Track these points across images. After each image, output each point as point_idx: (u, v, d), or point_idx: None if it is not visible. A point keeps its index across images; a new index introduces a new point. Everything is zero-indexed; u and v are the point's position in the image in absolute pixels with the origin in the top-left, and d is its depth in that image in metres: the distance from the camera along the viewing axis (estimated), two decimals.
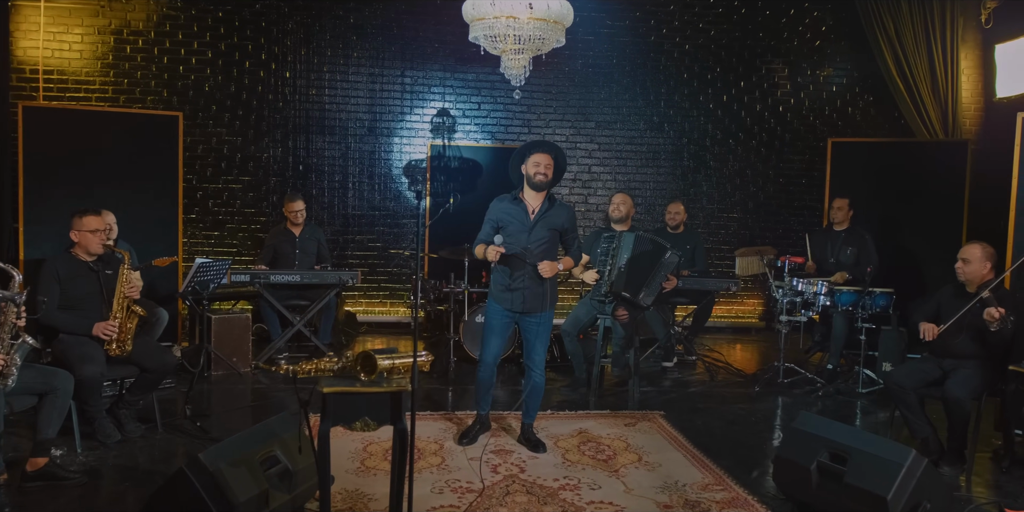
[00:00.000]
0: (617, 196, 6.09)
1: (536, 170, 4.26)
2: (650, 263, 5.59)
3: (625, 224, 6.05)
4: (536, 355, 4.50)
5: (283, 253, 7.03)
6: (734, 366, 7.14)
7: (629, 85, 8.80)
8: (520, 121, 8.70)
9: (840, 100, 9.03)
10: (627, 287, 5.56)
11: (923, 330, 4.71)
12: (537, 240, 4.31)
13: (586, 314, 5.87)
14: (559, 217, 4.38)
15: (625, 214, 6.00)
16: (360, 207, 8.59)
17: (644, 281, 5.54)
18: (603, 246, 5.78)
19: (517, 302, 4.36)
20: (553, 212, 4.37)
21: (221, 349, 6.35)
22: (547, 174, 4.29)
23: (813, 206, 9.05)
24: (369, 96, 8.51)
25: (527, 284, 4.33)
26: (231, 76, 8.25)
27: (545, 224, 4.32)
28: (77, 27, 7.91)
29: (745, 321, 9.01)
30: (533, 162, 4.28)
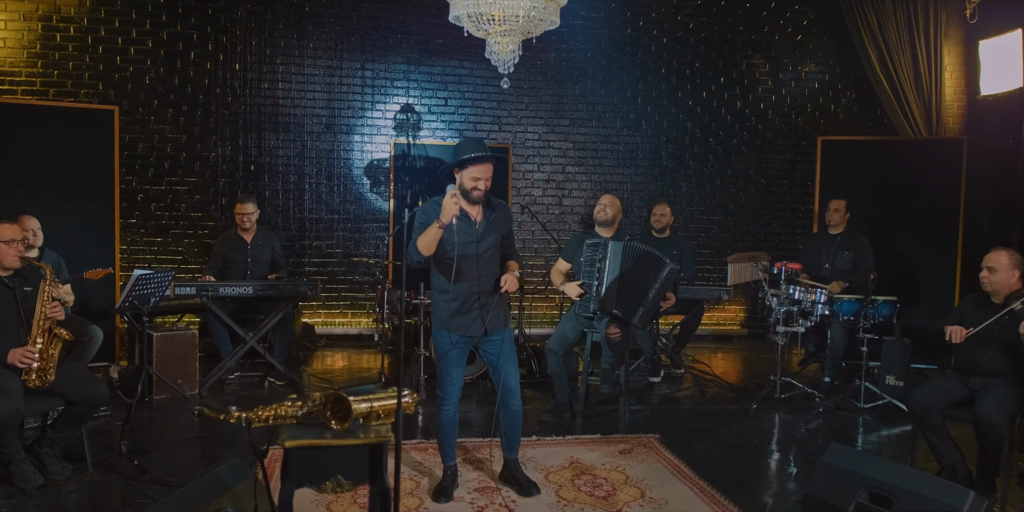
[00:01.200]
0: (605, 197, 5.58)
1: (474, 185, 3.63)
2: (645, 278, 5.09)
3: (611, 228, 5.54)
4: (510, 378, 3.92)
5: (233, 262, 6.38)
6: (723, 379, 6.71)
7: (605, 80, 8.32)
8: (490, 118, 8.15)
9: (823, 97, 8.68)
10: (619, 305, 5.05)
11: (949, 332, 4.27)
12: (486, 249, 3.76)
13: (572, 330, 5.34)
14: (503, 219, 3.86)
15: (612, 217, 5.49)
16: (318, 210, 7.95)
17: (641, 300, 5.04)
18: (587, 255, 5.26)
19: (475, 326, 3.77)
20: (497, 215, 3.82)
21: (164, 370, 5.68)
22: (486, 187, 3.69)
23: (795, 208, 8.68)
24: (327, 90, 7.88)
25: (484, 301, 3.77)
26: (174, 68, 7.54)
27: (492, 229, 3.79)
28: (0, 13, 7.14)
29: (727, 329, 8.60)
30: (471, 176, 3.62)
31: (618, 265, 5.10)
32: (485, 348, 3.92)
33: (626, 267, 5.10)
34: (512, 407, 3.95)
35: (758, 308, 8.45)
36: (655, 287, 5.08)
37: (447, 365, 3.86)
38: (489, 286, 3.76)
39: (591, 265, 5.20)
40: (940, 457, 4.24)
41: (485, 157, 3.63)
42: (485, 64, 8.14)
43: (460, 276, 3.66)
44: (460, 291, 3.70)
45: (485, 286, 3.74)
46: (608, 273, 5.09)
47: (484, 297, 3.74)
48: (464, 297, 3.72)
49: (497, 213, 3.81)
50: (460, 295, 3.71)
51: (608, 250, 5.13)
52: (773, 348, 8.36)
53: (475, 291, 3.72)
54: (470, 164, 3.61)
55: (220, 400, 5.77)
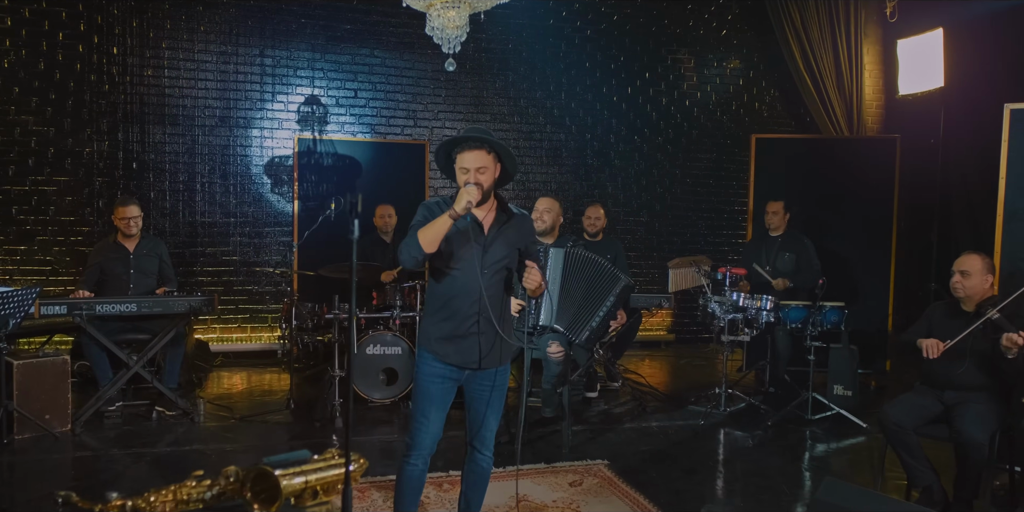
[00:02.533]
0: (541, 201, 5.07)
1: (464, 177, 2.93)
2: (591, 290, 4.60)
3: (551, 235, 5.04)
4: (487, 431, 3.18)
5: (113, 274, 5.52)
6: (659, 390, 6.32)
7: (526, 73, 7.82)
8: (405, 112, 7.51)
9: (747, 94, 8.45)
10: (562, 320, 4.55)
11: (925, 347, 3.94)
12: (494, 263, 3.04)
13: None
14: (520, 232, 3.12)
15: (551, 224, 5.00)
16: (211, 214, 7.11)
17: (588, 317, 4.55)
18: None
19: (470, 354, 3.02)
20: (512, 225, 3.09)
21: (28, 404, 4.80)
22: (483, 181, 2.93)
23: (721, 208, 8.42)
24: (221, 79, 7.05)
25: (483, 328, 3.02)
26: (39, 50, 6.56)
27: (503, 240, 3.05)
28: None
29: (654, 334, 8.25)
30: (460, 168, 2.95)
31: (559, 275, 4.59)
32: (471, 385, 3.13)
33: (570, 277, 4.60)
34: (481, 464, 3.19)
35: (688, 314, 8.14)
36: (606, 305, 4.60)
37: (425, 402, 3.03)
38: (494, 310, 2.99)
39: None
40: (915, 479, 3.92)
41: (472, 140, 2.90)
42: (398, 53, 7.54)
43: (459, 289, 2.98)
44: (457, 308, 2.99)
45: (488, 308, 2.98)
46: (548, 284, 4.57)
47: (485, 323, 3.00)
48: (461, 317, 3.00)
49: (513, 223, 3.07)
50: (457, 314, 2.99)
51: (548, 259, 4.61)
52: (704, 354, 8.19)
53: (474, 312, 2.99)
54: (457, 152, 2.93)
55: (99, 437, 4.94)
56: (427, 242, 2.86)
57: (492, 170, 2.94)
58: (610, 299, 4.58)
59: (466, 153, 2.90)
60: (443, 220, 2.83)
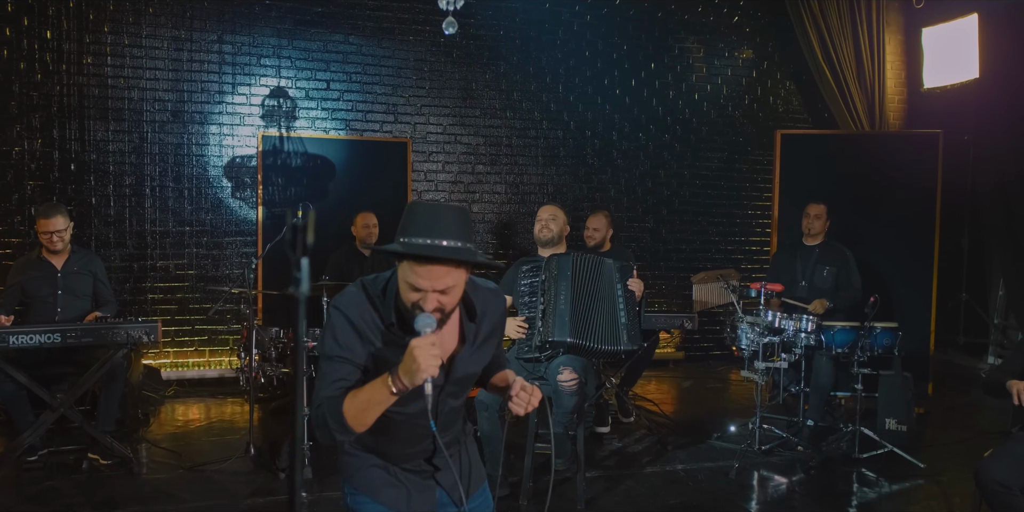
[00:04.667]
0: (545, 209, 4.29)
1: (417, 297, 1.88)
2: (602, 290, 3.86)
3: (559, 247, 4.25)
4: None
5: (37, 295, 4.64)
6: (675, 419, 5.56)
7: (520, 63, 7.01)
8: (384, 106, 6.67)
9: (760, 87, 7.71)
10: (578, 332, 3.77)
11: (1016, 392, 3.21)
12: (455, 392, 2.12)
13: None
14: (494, 325, 2.16)
15: (558, 234, 4.22)
16: (163, 222, 6.23)
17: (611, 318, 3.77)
18: (524, 282, 3.94)
19: (427, 501, 2.14)
20: (486, 325, 2.13)
21: None
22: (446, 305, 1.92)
23: (733, 213, 7.67)
24: (173, 69, 6.18)
25: (441, 463, 2.16)
26: None
27: (474, 358, 2.12)
28: None
29: (662, 352, 7.45)
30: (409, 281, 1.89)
31: (569, 282, 3.83)
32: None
33: (581, 284, 3.84)
34: None
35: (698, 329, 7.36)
36: (619, 296, 3.86)
37: None
38: (453, 435, 2.17)
39: (532, 294, 3.89)
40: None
41: (439, 258, 1.84)
42: (376, 39, 6.69)
43: (399, 435, 2.08)
44: (397, 453, 2.11)
45: (447, 437, 2.13)
46: (558, 297, 3.80)
47: (443, 459, 2.14)
48: (404, 461, 2.13)
49: (487, 317, 2.10)
50: (395, 459, 2.12)
51: (553, 268, 3.86)
52: (718, 375, 7.39)
53: (423, 451, 2.13)
54: (412, 263, 1.86)
55: (12, 496, 4.06)
56: (360, 424, 1.89)
57: (462, 283, 1.92)
58: (618, 288, 3.85)
59: (427, 267, 1.83)
60: (383, 396, 1.84)
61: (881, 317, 4.76)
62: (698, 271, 7.18)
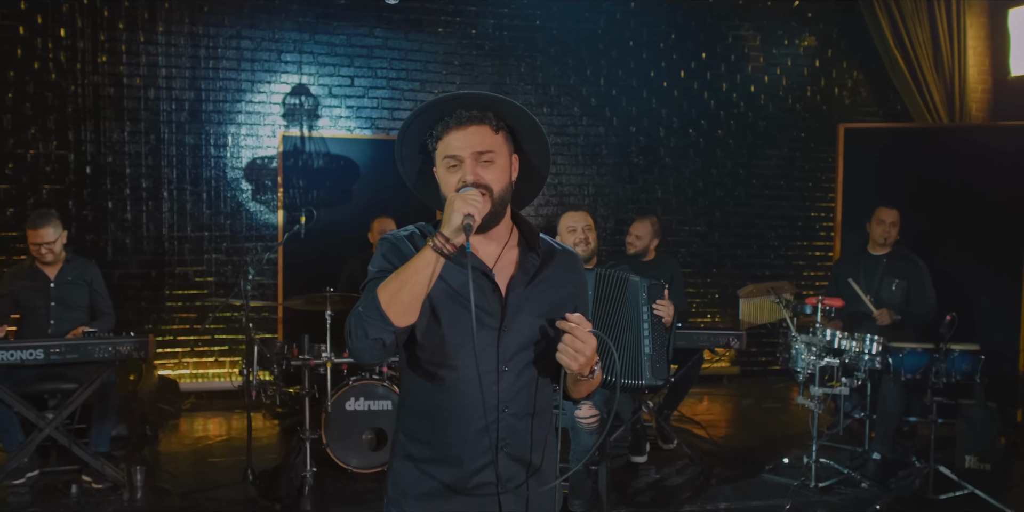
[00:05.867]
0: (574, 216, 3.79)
1: (453, 177, 1.62)
2: (625, 315, 3.34)
3: (590, 262, 3.76)
4: None
5: (30, 307, 4.38)
6: (724, 445, 5.00)
7: (557, 55, 6.52)
8: (411, 102, 6.27)
9: (824, 78, 7.05)
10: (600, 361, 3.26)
11: None
12: (519, 349, 1.67)
13: None
14: (568, 282, 1.77)
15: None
16: (181, 227, 5.96)
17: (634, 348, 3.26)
18: None
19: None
20: (553, 272, 1.74)
21: None
22: (489, 181, 1.62)
23: (795, 215, 7.03)
24: (190, 67, 5.90)
25: (505, 473, 1.66)
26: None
27: (538, 306, 1.69)
28: None
29: (715, 367, 6.86)
30: (444, 159, 1.64)
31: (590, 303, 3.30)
32: None
33: (603, 306, 3.32)
34: None
35: (755, 341, 6.76)
36: (644, 322, 3.32)
37: None
38: (524, 439, 1.69)
39: None
40: None
41: (466, 104, 1.62)
42: (403, 32, 6.28)
43: (457, 405, 1.64)
44: (454, 440, 1.65)
45: (513, 438, 1.67)
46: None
47: (508, 465, 1.66)
48: (462, 456, 1.66)
49: (553, 270, 1.73)
50: (454, 450, 1.66)
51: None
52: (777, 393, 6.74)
53: (485, 448, 1.65)
54: (440, 132, 1.63)
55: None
56: (398, 306, 1.53)
57: (506, 161, 1.65)
58: (644, 311, 3.31)
59: (456, 131, 1.60)
60: (423, 261, 1.52)
61: (960, 338, 4.11)
62: (755, 279, 6.58)
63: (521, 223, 1.77)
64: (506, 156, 1.67)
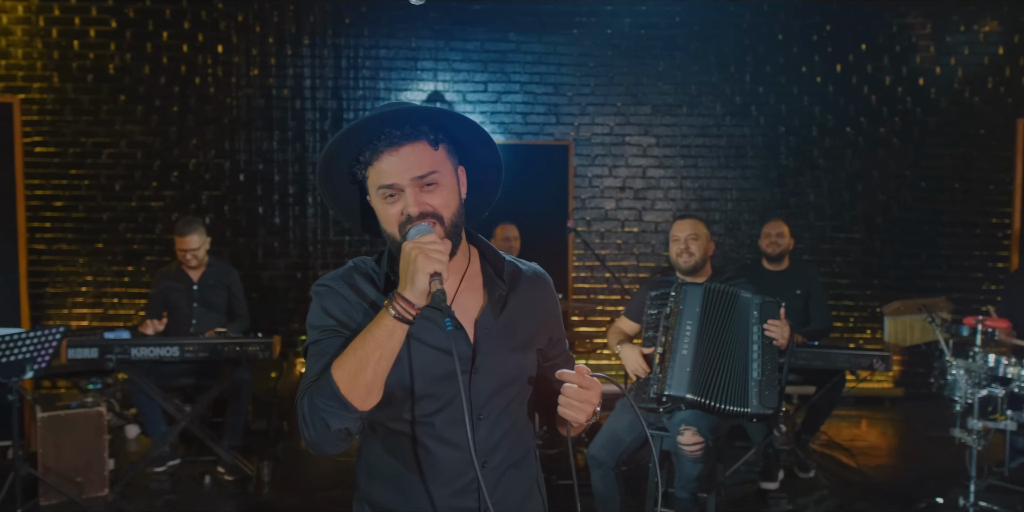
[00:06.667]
0: (683, 225, 3.52)
1: (392, 209, 1.42)
2: (734, 334, 3.06)
3: (703, 274, 3.48)
4: None
5: (175, 307, 4.69)
6: (873, 477, 4.51)
7: (699, 53, 6.20)
8: (544, 106, 6.18)
9: (1010, 66, 6.25)
10: (698, 386, 3.00)
11: None
12: (492, 389, 1.48)
13: (629, 429, 3.32)
14: (538, 305, 1.60)
15: (701, 257, 3.44)
16: (324, 231, 6.21)
17: (742, 373, 2.98)
18: (652, 312, 3.24)
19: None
20: (521, 295, 1.56)
21: (58, 463, 4.03)
22: (439, 209, 1.42)
23: (973, 221, 6.29)
24: (333, 77, 6.13)
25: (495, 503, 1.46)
26: (143, 53, 5.97)
27: (509, 337, 1.52)
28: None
29: (874, 387, 6.26)
30: (377, 189, 1.42)
31: (696, 321, 3.06)
32: None
33: (709, 323, 3.06)
34: None
35: (923, 361, 6.10)
36: (754, 342, 3.03)
37: None
38: (505, 478, 1.52)
39: (654, 327, 3.19)
40: None
41: (396, 120, 1.40)
42: (537, 35, 6.21)
43: (424, 452, 1.46)
44: (428, 500, 1.47)
45: (496, 480, 1.50)
46: (680, 339, 3.05)
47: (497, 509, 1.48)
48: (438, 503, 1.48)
49: (524, 293, 1.56)
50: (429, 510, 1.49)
51: (680, 300, 3.10)
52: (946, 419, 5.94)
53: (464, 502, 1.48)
54: (371, 155, 1.41)
55: (139, 507, 4.07)
56: (360, 390, 1.33)
57: (452, 180, 1.45)
58: (754, 331, 3.01)
59: (388, 155, 1.39)
60: (383, 331, 1.31)
61: None
62: (924, 292, 5.94)
63: (479, 244, 1.57)
64: (451, 173, 1.45)
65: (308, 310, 1.51)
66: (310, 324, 1.45)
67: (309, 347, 1.43)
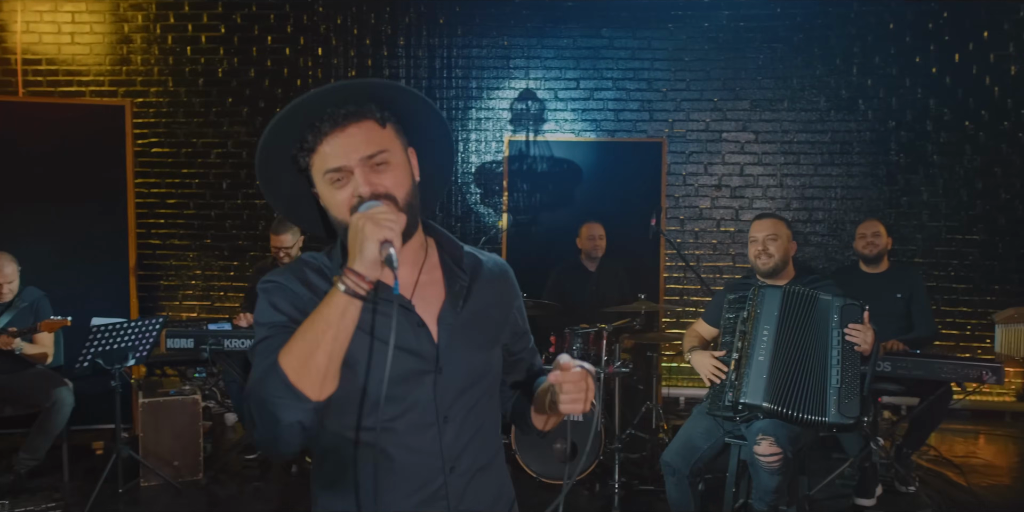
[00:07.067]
0: (761, 225, 3.36)
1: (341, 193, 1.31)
2: (813, 340, 2.89)
3: (784, 276, 3.31)
4: None
5: None
6: (983, 498, 4.18)
7: (802, 44, 5.93)
8: (638, 102, 6.06)
9: None
10: (775, 395, 2.86)
11: None
12: (459, 389, 1.40)
13: (706, 437, 3.19)
14: (502, 293, 1.51)
15: (781, 260, 3.27)
16: None
17: (821, 381, 2.83)
18: (730, 316, 3.10)
19: None
20: (484, 284, 1.47)
21: (157, 447, 4.25)
22: (390, 188, 1.31)
23: None
24: (427, 77, 6.21)
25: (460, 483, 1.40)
26: (249, 57, 6.24)
27: (475, 330, 1.43)
28: (66, 3, 6.21)
29: (994, 401, 5.82)
30: (323, 174, 1.32)
31: (774, 325, 2.92)
32: None
33: (789, 329, 2.91)
34: None
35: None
36: (833, 347, 2.87)
37: None
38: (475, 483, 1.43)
39: (731, 332, 3.06)
40: None
41: (339, 97, 1.31)
42: (631, 30, 6.09)
43: (386, 459, 1.35)
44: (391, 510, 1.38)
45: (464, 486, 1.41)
46: (757, 345, 2.92)
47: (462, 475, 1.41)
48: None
49: (486, 285, 1.47)
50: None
51: (759, 302, 2.96)
52: None
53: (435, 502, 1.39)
54: (316, 142, 1.31)
55: (228, 492, 4.25)
56: (313, 375, 1.20)
57: (403, 159, 1.35)
58: (834, 336, 2.84)
59: (333, 136, 1.30)
60: (334, 308, 1.20)
61: None
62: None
63: (436, 234, 1.47)
64: (401, 152, 1.35)
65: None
66: (257, 322, 1.34)
67: (257, 345, 1.31)
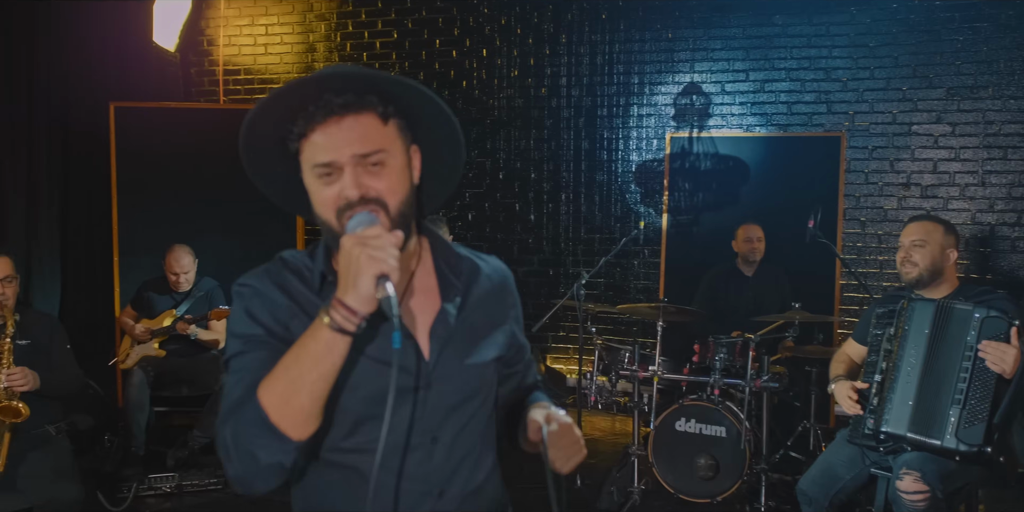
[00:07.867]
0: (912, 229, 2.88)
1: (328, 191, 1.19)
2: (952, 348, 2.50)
3: (938, 287, 2.87)
4: None
5: None
6: None
7: (1012, 22, 5.17)
8: (813, 94, 5.57)
9: None
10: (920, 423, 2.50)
11: None
12: (448, 407, 1.27)
13: (848, 465, 2.85)
14: (499, 301, 1.39)
15: (928, 269, 2.81)
16: (575, 229, 6.22)
17: (983, 406, 2.44)
18: (877, 333, 2.74)
19: None
20: (482, 292, 1.35)
21: None
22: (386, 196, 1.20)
23: None
24: (588, 74, 6.09)
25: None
26: (419, 61, 6.46)
27: (469, 342, 1.31)
28: (261, 17, 6.74)
29: None
30: (313, 167, 1.20)
31: (923, 344, 2.55)
32: None
33: (939, 348, 2.53)
34: None
35: None
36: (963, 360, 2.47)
37: None
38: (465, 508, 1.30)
39: (876, 351, 2.71)
40: None
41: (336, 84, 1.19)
42: (806, 16, 5.60)
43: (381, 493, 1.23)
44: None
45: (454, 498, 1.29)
46: (901, 365, 2.57)
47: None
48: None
49: (482, 290, 1.37)
50: None
51: (908, 318, 2.61)
52: None
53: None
54: (307, 128, 1.19)
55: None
56: (295, 415, 1.13)
57: (402, 161, 1.24)
58: (969, 349, 2.41)
59: (326, 126, 1.18)
60: (321, 345, 1.11)
61: None
62: None
63: (430, 237, 1.34)
64: (402, 153, 1.23)
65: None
66: (231, 332, 1.26)
67: (230, 360, 1.21)
